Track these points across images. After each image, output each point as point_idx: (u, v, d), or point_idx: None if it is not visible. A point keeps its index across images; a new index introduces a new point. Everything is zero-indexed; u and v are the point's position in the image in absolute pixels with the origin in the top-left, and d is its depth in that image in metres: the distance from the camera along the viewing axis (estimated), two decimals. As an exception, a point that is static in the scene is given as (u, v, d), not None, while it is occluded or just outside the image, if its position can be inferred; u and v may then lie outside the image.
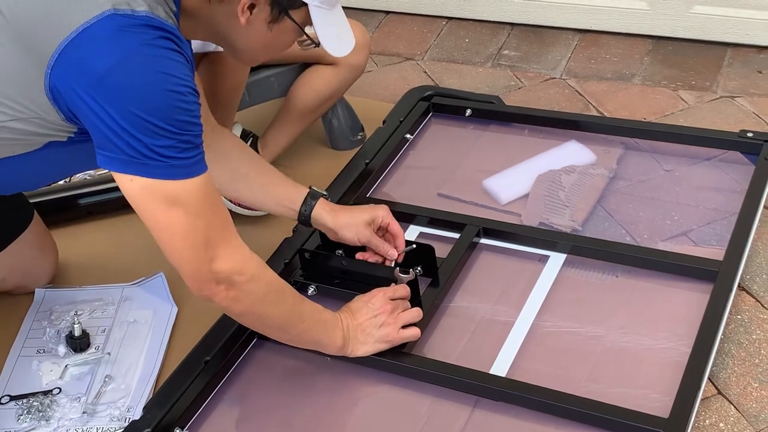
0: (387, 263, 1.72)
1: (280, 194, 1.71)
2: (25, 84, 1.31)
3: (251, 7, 1.37)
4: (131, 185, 1.29)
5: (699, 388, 1.46)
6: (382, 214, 1.72)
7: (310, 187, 1.73)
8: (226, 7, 1.38)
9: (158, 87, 1.25)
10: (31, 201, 1.91)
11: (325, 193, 1.74)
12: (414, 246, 1.73)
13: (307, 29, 1.44)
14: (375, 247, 1.71)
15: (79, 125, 1.34)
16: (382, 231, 1.74)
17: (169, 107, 1.25)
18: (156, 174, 1.28)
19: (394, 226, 1.73)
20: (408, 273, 1.66)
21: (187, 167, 1.30)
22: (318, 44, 1.43)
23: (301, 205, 1.70)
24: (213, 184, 1.36)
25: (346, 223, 1.71)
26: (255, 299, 1.42)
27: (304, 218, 1.71)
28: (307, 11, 1.40)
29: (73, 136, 1.38)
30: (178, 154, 1.28)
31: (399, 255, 1.72)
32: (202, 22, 1.41)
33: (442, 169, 2.08)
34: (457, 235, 1.83)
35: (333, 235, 1.73)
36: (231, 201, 2.02)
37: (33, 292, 1.91)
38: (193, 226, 1.32)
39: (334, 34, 1.45)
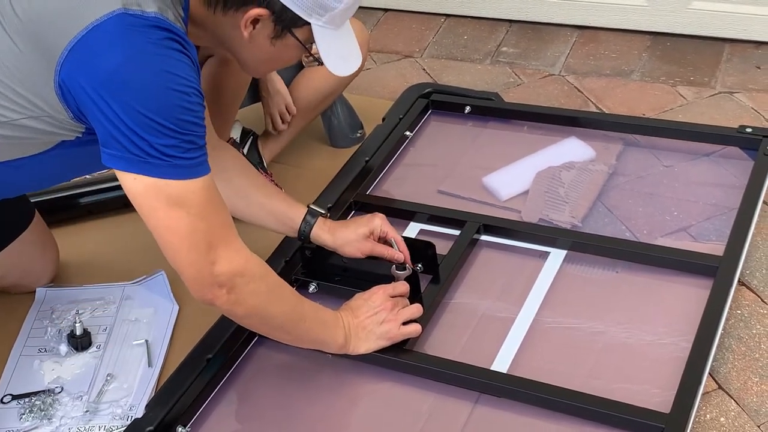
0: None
1: (279, 212, 1.71)
2: (37, 82, 1.31)
3: (255, 21, 1.37)
4: (134, 184, 1.29)
5: (700, 383, 1.47)
6: (379, 223, 1.70)
7: (308, 206, 1.72)
8: (230, 20, 1.38)
9: (163, 85, 1.25)
10: (32, 200, 1.91)
11: (323, 211, 1.73)
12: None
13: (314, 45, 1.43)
14: (380, 255, 1.69)
15: (86, 124, 1.34)
16: (381, 240, 1.72)
17: (173, 106, 1.26)
18: (159, 173, 1.28)
19: (392, 233, 1.71)
20: (405, 269, 1.66)
21: (190, 167, 1.30)
22: (321, 63, 1.42)
23: (300, 224, 1.70)
24: (215, 186, 1.36)
25: (346, 240, 1.70)
26: (257, 301, 1.42)
27: (304, 236, 1.71)
28: (311, 29, 1.39)
29: (81, 135, 1.39)
30: (181, 154, 1.28)
31: (406, 257, 1.70)
32: (208, 31, 1.42)
33: (442, 166, 2.08)
34: (457, 232, 1.83)
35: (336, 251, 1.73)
36: None
37: (34, 292, 1.91)
38: (195, 227, 1.32)
39: (338, 54, 1.43)
